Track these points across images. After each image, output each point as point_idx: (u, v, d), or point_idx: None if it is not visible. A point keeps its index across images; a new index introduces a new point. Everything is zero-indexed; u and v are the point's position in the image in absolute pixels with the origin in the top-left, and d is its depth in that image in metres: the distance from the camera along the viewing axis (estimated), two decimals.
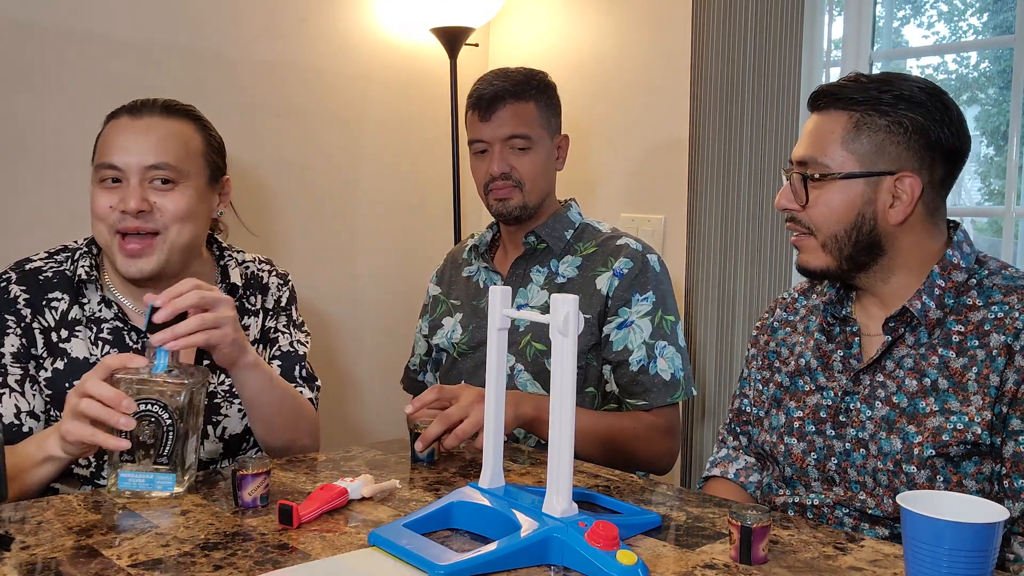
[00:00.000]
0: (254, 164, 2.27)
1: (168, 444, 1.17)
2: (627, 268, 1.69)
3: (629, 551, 0.95)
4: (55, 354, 1.41)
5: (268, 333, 1.56)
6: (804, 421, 1.34)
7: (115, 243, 1.38)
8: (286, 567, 0.97)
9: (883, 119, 1.24)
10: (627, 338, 1.67)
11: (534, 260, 1.77)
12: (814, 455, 1.32)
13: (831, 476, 1.30)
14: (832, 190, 1.27)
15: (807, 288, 1.48)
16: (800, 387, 1.37)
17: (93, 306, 1.44)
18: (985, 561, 0.84)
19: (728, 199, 2.11)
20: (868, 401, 1.28)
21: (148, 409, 1.16)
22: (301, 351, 1.57)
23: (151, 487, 1.17)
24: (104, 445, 1.15)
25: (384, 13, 2.50)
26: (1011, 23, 2.02)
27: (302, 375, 1.55)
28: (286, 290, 1.60)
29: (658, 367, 1.66)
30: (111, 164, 1.38)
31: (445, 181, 2.61)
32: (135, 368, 1.17)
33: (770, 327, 1.49)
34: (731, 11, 2.08)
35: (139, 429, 1.15)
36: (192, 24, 2.15)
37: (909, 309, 1.25)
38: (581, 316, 1.02)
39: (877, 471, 1.24)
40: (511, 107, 1.72)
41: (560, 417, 1.02)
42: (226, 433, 1.48)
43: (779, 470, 1.37)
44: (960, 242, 1.29)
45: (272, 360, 1.54)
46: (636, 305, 1.68)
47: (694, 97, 2.16)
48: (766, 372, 1.45)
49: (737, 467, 1.49)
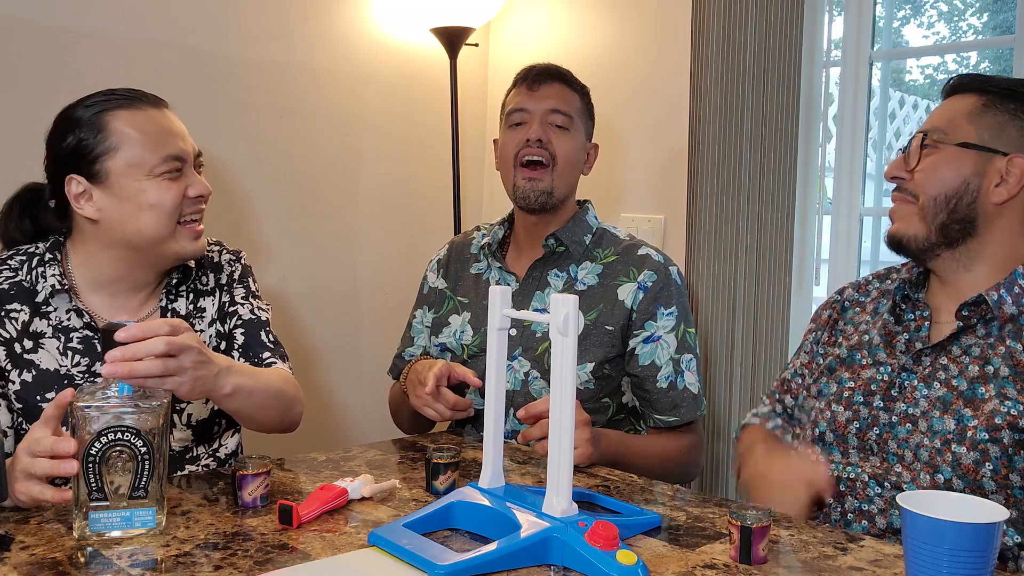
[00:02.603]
0: (253, 164, 2.27)
1: (145, 475, 1.05)
2: (651, 281, 1.68)
3: (629, 551, 0.95)
4: (20, 366, 1.36)
5: (225, 307, 1.53)
6: (855, 392, 1.35)
7: (178, 231, 1.40)
8: (286, 567, 0.97)
9: (1012, 103, 1.28)
10: (655, 353, 1.66)
11: (552, 263, 1.74)
12: (857, 424, 1.33)
13: (870, 445, 1.31)
14: (944, 156, 1.30)
15: (883, 274, 1.51)
16: (857, 360, 1.39)
17: (60, 315, 1.39)
18: (985, 561, 0.84)
19: (728, 199, 2.11)
20: (927, 380, 1.29)
21: (118, 439, 1.04)
22: (264, 317, 1.54)
23: (128, 525, 1.05)
24: (52, 501, 1.07)
25: (384, 13, 2.50)
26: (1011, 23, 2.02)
27: (270, 339, 1.52)
28: (238, 265, 1.58)
29: (686, 381, 1.67)
30: (177, 155, 1.39)
31: (445, 181, 2.61)
32: (93, 394, 1.06)
33: (839, 304, 1.51)
34: (731, 11, 2.08)
35: (110, 464, 1.04)
36: (192, 24, 2.15)
37: (985, 298, 1.26)
38: (581, 316, 1.02)
39: (920, 447, 1.25)
40: (558, 86, 1.74)
41: (560, 417, 1.02)
42: (192, 419, 1.45)
43: (818, 435, 1.38)
44: None
45: (236, 329, 1.51)
46: (662, 320, 1.66)
47: (694, 97, 2.16)
48: (828, 347, 1.47)
49: (775, 423, 1.52)
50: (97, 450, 1.03)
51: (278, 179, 2.32)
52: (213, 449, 1.50)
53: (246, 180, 2.25)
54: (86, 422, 1.03)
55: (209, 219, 1.49)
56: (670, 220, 2.32)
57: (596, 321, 1.66)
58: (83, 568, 0.96)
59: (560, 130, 1.71)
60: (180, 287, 1.49)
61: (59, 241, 1.43)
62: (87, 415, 1.04)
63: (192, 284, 1.51)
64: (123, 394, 1.05)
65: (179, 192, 1.39)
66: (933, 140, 1.31)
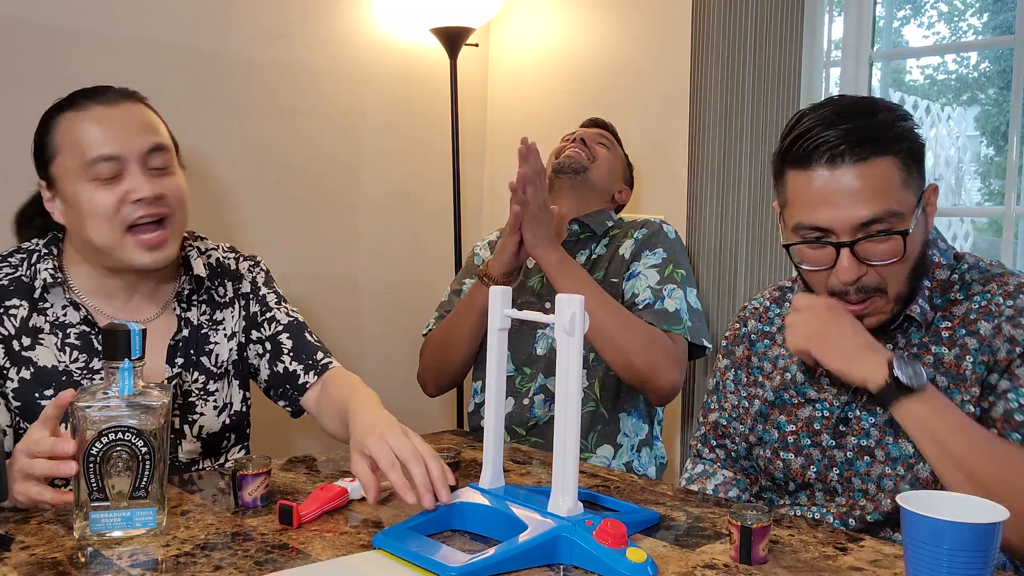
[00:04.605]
0: (254, 164, 2.26)
1: (146, 475, 1.05)
2: (642, 234, 1.85)
3: (638, 549, 0.95)
4: (19, 363, 1.34)
5: (257, 317, 1.51)
6: (799, 435, 1.32)
7: (126, 240, 1.31)
8: (287, 568, 0.97)
9: (915, 142, 1.20)
10: (634, 287, 1.79)
11: (578, 247, 1.90)
12: (814, 468, 1.30)
13: (834, 487, 1.28)
14: (913, 235, 1.19)
15: (779, 296, 1.45)
16: (788, 401, 1.34)
17: (57, 310, 1.37)
18: (985, 561, 0.84)
19: (728, 199, 2.11)
20: (868, 408, 1.26)
21: (119, 439, 1.04)
22: (300, 318, 1.54)
23: (129, 526, 1.05)
24: (51, 503, 1.07)
25: (384, 13, 2.50)
26: (1011, 23, 2.02)
27: (314, 339, 1.51)
28: (259, 271, 1.56)
29: (664, 304, 1.75)
30: (108, 155, 1.29)
31: (445, 181, 2.60)
32: (94, 394, 1.04)
33: (746, 339, 1.44)
34: (731, 11, 2.08)
35: (111, 464, 1.04)
36: (191, 24, 2.15)
37: (911, 315, 1.23)
38: (587, 316, 1.02)
39: (883, 476, 1.23)
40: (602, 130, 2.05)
41: (566, 417, 1.02)
42: (203, 432, 1.44)
43: (780, 484, 1.36)
44: (935, 239, 1.28)
45: (279, 335, 1.49)
46: (644, 259, 1.81)
47: (694, 97, 2.16)
48: (750, 388, 1.41)
49: (715, 483, 1.43)
50: (98, 450, 1.03)
51: (278, 179, 2.32)
52: (220, 463, 1.49)
53: (246, 180, 2.25)
54: (87, 422, 1.03)
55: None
56: (670, 220, 2.31)
57: (604, 279, 1.81)
58: (83, 568, 0.96)
59: (601, 145, 1.96)
60: (192, 296, 1.47)
61: (57, 237, 1.42)
62: (88, 415, 1.03)
63: (207, 294, 1.48)
64: (124, 394, 1.05)
65: (114, 196, 1.30)
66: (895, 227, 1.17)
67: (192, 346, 1.44)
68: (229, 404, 1.47)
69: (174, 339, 1.43)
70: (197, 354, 1.45)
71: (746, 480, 1.43)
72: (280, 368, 1.48)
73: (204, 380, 1.45)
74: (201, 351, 1.45)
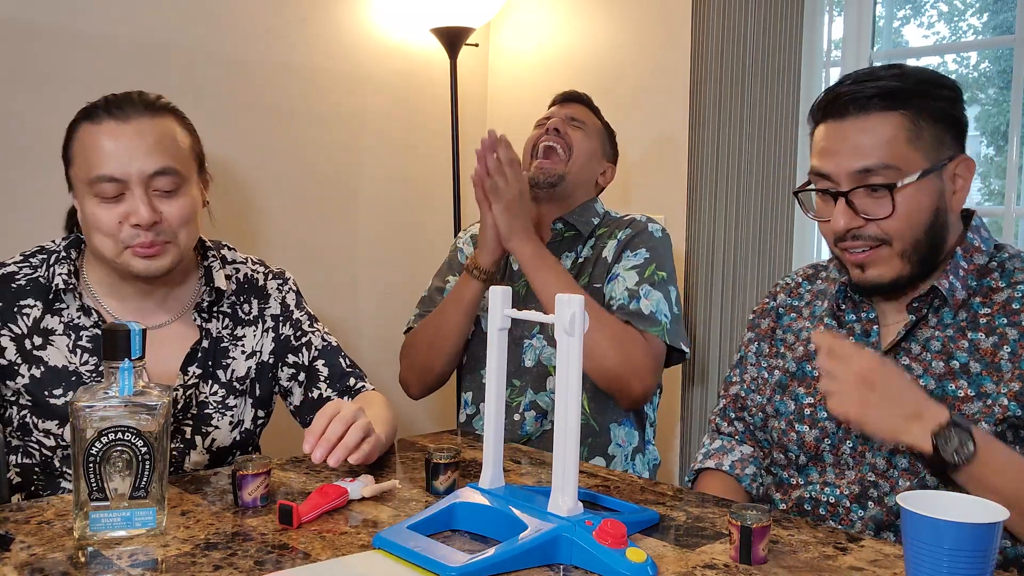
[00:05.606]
0: (254, 165, 2.27)
1: (145, 475, 1.05)
2: (625, 234, 1.81)
3: (638, 549, 0.95)
4: (30, 361, 1.35)
5: (291, 341, 1.52)
6: (816, 407, 1.33)
7: (126, 255, 1.32)
8: (288, 568, 0.97)
9: (936, 106, 1.21)
10: (612, 289, 1.76)
11: (563, 247, 1.86)
12: (828, 440, 1.30)
13: (845, 460, 1.29)
14: (913, 194, 1.20)
15: (812, 274, 1.47)
16: (809, 372, 1.35)
17: (72, 312, 1.38)
18: (985, 561, 0.84)
19: (728, 199, 2.11)
20: None
21: (119, 439, 1.04)
22: (334, 342, 1.56)
23: (128, 526, 1.05)
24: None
25: (384, 13, 2.50)
26: (1011, 23, 2.02)
27: (347, 363, 1.55)
28: (290, 290, 1.56)
29: (640, 304, 1.71)
30: (110, 176, 1.28)
31: (445, 181, 2.60)
32: (94, 394, 1.04)
33: (773, 311, 1.47)
34: (731, 11, 2.08)
35: (111, 464, 1.04)
36: (192, 24, 2.15)
37: (938, 288, 1.23)
38: (586, 316, 1.02)
39: (896, 453, 1.23)
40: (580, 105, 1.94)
41: (565, 419, 1.02)
42: (214, 445, 1.44)
43: (792, 458, 1.36)
44: (978, 227, 1.29)
45: (316, 361, 1.53)
46: (625, 261, 1.77)
47: (694, 97, 2.16)
48: (772, 359, 1.43)
49: (732, 459, 1.45)
50: (98, 450, 1.03)
51: (278, 179, 2.32)
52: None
53: (246, 180, 2.25)
54: (87, 422, 1.03)
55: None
56: (670, 220, 2.31)
57: (588, 285, 1.78)
58: (83, 568, 0.96)
59: (576, 128, 1.86)
60: (213, 308, 1.46)
61: (79, 239, 1.43)
62: (88, 415, 1.03)
63: (230, 308, 1.48)
64: (124, 394, 1.05)
65: (115, 216, 1.30)
66: (889, 180, 1.20)
67: (210, 357, 1.45)
68: (242, 421, 1.48)
69: (192, 348, 1.43)
70: (215, 366, 1.45)
71: (761, 454, 1.44)
72: (315, 395, 1.52)
73: (224, 394, 1.45)
74: (219, 364, 1.45)
